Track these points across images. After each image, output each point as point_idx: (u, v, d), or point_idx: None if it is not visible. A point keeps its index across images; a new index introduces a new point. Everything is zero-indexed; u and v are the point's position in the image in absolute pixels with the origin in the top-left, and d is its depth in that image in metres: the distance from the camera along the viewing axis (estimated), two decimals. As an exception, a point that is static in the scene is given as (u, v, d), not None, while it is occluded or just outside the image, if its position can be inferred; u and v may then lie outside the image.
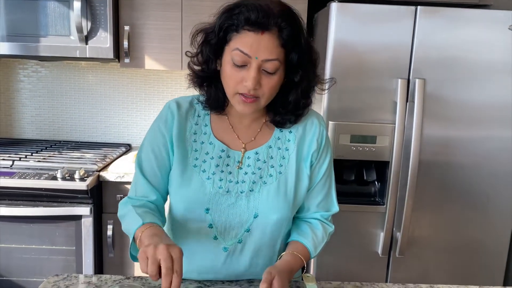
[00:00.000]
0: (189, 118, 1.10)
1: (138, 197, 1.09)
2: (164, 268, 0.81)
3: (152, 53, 2.31)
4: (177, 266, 0.83)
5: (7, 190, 1.98)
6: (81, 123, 2.72)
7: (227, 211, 1.06)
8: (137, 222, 0.98)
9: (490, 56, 1.90)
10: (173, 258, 0.83)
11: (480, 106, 1.93)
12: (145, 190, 1.09)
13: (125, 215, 1.06)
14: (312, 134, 1.11)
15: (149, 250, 0.83)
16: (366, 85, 1.91)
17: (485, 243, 2.04)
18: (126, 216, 1.06)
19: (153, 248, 0.83)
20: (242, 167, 1.07)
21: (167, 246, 0.84)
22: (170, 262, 0.82)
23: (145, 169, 1.09)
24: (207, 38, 1.00)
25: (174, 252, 0.84)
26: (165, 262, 0.81)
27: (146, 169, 1.09)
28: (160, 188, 1.10)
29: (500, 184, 2.00)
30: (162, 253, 0.82)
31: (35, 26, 2.17)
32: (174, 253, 0.84)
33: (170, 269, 0.81)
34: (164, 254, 0.82)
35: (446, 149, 1.96)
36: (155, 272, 0.82)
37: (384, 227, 1.98)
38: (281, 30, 0.93)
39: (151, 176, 1.09)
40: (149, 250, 0.83)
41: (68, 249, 2.09)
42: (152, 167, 1.09)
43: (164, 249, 0.83)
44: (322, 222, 1.15)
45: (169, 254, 0.83)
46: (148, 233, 0.94)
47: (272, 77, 0.97)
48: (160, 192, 1.10)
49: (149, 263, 0.82)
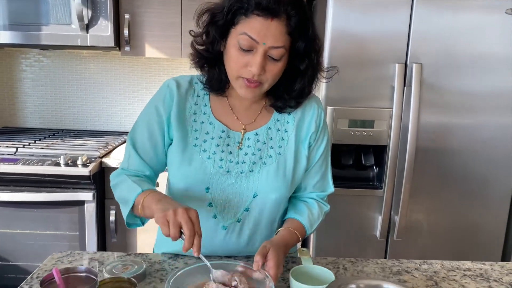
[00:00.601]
0: (188, 98, 1.12)
1: (131, 170, 1.12)
2: (188, 230, 0.86)
3: (153, 41, 2.33)
4: (197, 227, 0.88)
5: (11, 176, 2.02)
6: (84, 112, 2.74)
7: (227, 190, 1.09)
8: (135, 189, 1.02)
9: (487, 42, 1.92)
10: (192, 221, 0.87)
11: (476, 92, 1.95)
12: (138, 165, 1.11)
13: (119, 183, 1.09)
14: (310, 116, 1.14)
15: (169, 215, 0.88)
16: (364, 71, 1.93)
17: (482, 226, 2.07)
18: (120, 184, 1.08)
19: (173, 213, 0.88)
20: (242, 148, 1.10)
21: (186, 210, 0.88)
22: (191, 225, 0.87)
23: (138, 145, 1.11)
24: (213, 19, 1.00)
25: (192, 215, 0.88)
26: (187, 225, 0.86)
27: (139, 145, 1.11)
28: (152, 165, 1.12)
29: (497, 169, 2.02)
30: (182, 217, 0.87)
31: (36, 15, 2.19)
32: (193, 215, 0.88)
33: (192, 231, 0.86)
34: (184, 217, 0.87)
35: (444, 134, 1.99)
36: (177, 235, 0.87)
37: (382, 211, 2.01)
38: (289, 18, 0.95)
39: (144, 153, 1.11)
40: (169, 214, 0.88)
41: (72, 234, 2.13)
42: (145, 144, 1.11)
43: (183, 213, 0.87)
44: (318, 202, 1.18)
45: (188, 217, 0.87)
46: (153, 198, 0.97)
47: (277, 64, 0.99)
48: (152, 169, 1.13)
49: (171, 227, 0.87)
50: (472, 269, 1.15)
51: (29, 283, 0.99)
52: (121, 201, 1.07)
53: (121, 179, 1.09)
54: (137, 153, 1.11)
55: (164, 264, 1.11)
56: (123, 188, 1.07)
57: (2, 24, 2.19)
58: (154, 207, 0.94)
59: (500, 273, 1.14)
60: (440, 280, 1.09)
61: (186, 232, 0.86)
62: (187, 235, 0.86)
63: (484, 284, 1.07)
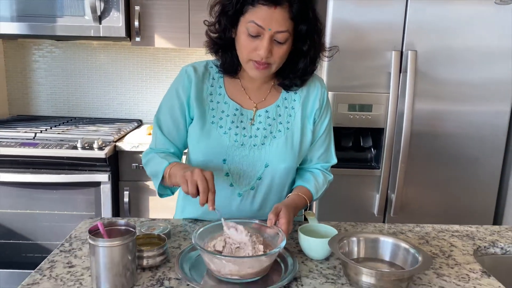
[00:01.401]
0: (205, 81, 1.25)
1: (158, 149, 1.26)
2: (201, 187, 1.00)
3: (161, 32, 2.45)
4: (210, 185, 1.01)
5: (31, 159, 2.15)
6: (94, 100, 2.87)
7: (241, 161, 1.22)
8: (163, 163, 1.16)
9: (478, 31, 2.05)
10: (207, 179, 1.01)
11: (468, 79, 2.08)
12: (164, 144, 1.26)
13: (149, 160, 1.23)
14: (315, 95, 1.27)
15: (187, 175, 1.02)
16: (362, 59, 2.06)
17: (473, 204, 2.21)
18: (150, 161, 1.23)
19: (190, 173, 1.02)
20: (254, 124, 1.23)
21: (201, 170, 1.02)
22: (205, 183, 1.00)
23: (164, 127, 1.25)
24: (224, 9, 1.13)
25: (207, 174, 1.02)
26: (202, 182, 1.00)
27: (163, 127, 1.25)
28: (176, 143, 1.26)
29: (486, 152, 2.16)
30: (198, 176, 1.01)
31: (51, 7, 2.31)
32: (207, 175, 1.02)
33: (206, 187, 1.00)
34: (200, 176, 1.01)
35: (437, 118, 2.12)
36: (194, 191, 1.01)
37: (380, 190, 2.15)
38: (291, 5, 1.07)
39: (168, 133, 1.25)
40: (187, 174, 1.02)
41: (88, 214, 2.26)
42: (168, 126, 1.25)
43: (199, 172, 1.01)
44: (322, 171, 1.31)
45: (203, 176, 1.01)
46: (178, 167, 1.11)
47: (282, 46, 1.12)
48: (177, 146, 1.27)
49: (188, 184, 1.01)
50: (460, 231, 1.29)
51: (68, 241, 1.13)
52: (152, 175, 1.21)
53: (150, 156, 1.23)
54: (163, 133, 1.25)
55: (186, 227, 1.24)
56: (153, 164, 1.20)
57: (18, 15, 2.30)
58: (178, 173, 1.08)
59: (484, 234, 1.28)
60: (430, 239, 1.23)
61: (200, 188, 1.00)
62: (201, 191, 1.00)
63: (469, 242, 1.21)
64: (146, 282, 0.94)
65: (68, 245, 1.10)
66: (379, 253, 1.04)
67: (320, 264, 1.05)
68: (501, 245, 1.22)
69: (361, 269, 0.91)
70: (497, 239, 1.24)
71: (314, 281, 0.97)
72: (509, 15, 2.03)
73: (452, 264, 1.08)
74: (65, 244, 1.11)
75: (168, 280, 0.95)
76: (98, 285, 0.90)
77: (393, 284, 0.90)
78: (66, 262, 1.02)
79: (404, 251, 1.00)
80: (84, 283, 0.93)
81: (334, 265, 1.05)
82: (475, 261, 1.10)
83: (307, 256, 1.08)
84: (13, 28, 2.31)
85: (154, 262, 1.00)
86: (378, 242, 1.05)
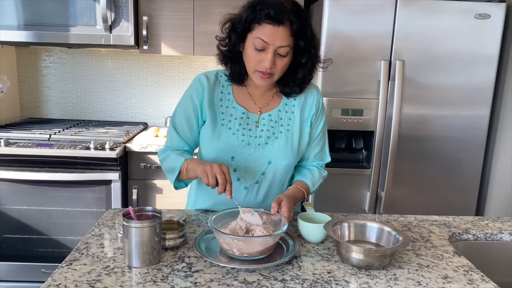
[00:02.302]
0: (216, 88, 1.42)
1: (173, 147, 1.43)
2: (221, 179, 1.18)
3: (168, 40, 2.62)
4: (228, 177, 1.19)
5: (47, 158, 2.30)
6: (102, 104, 3.03)
7: (248, 158, 1.39)
8: (180, 159, 1.33)
9: (460, 42, 2.25)
10: (224, 172, 1.19)
11: (451, 86, 2.29)
12: (178, 143, 1.43)
13: (166, 157, 1.40)
14: (311, 101, 1.44)
15: (207, 169, 1.20)
16: (354, 67, 2.25)
17: (456, 201, 2.41)
18: (167, 158, 1.40)
19: (210, 167, 1.20)
20: (259, 126, 1.41)
21: (219, 165, 1.20)
22: (224, 175, 1.18)
23: (179, 128, 1.43)
24: (234, 27, 1.31)
25: (224, 168, 1.20)
26: (220, 175, 1.18)
27: (179, 128, 1.43)
28: (189, 142, 1.44)
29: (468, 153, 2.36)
30: (216, 169, 1.19)
31: (65, 16, 2.48)
32: (224, 169, 1.20)
33: (224, 179, 1.18)
34: (218, 170, 1.18)
35: (423, 122, 2.32)
36: (214, 182, 1.18)
37: (370, 188, 2.34)
38: (292, 23, 1.25)
39: (183, 133, 1.42)
40: (207, 168, 1.20)
41: (99, 211, 2.42)
42: (183, 127, 1.42)
43: (217, 166, 1.19)
44: (318, 168, 1.49)
45: (221, 170, 1.19)
46: (195, 163, 1.29)
47: (284, 59, 1.30)
48: (189, 145, 1.44)
49: (209, 177, 1.19)
50: (438, 220, 1.47)
51: (98, 227, 1.30)
52: (168, 170, 1.38)
53: (167, 154, 1.40)
54: (177, 133, 1.42)
55: (198, 216, 1.41)
56: (169, 160, 1.38)
57: (34, 25, 2.47)
58: (197, 168, 1.25)
59: (459, 223, 1.46)
60: (412, 227, 1.41)
61: (219, 180, 1.18)
62: (220, 182, 1.18)
63: (446, 229, 1.39)
64: (170, 259, 1.11)
65: (98, 231, 1.27)
66: (366, 236, 1.22)
67: (316, 246, 1.23)
68: (473, 232, 1.40)
69: (351, 247, 1.08)
70: (470, 227, 1.43)
71: (311, 259, 1.14)
72: (487, 27, 2.23)
73: (429, 246, 1.26)
74: (95, 230, 1.27)
75: (188, 258, 1.12)
76: (130, 261, 1.07)
77: (378, 260, 1.08)
78: (99, 244, 1.18)
79: (387, 233, 1.18)
80: (117, 259, 1.10)
81: (329, 247, 1.22)
82: (449, 244, 1.28)
83: (305, 239, 1.26)
84: (29, 36, 2.47)
85: (174, 243, 1.17)
86: (366, 227, 1.23)
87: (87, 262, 1.08)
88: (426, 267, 1.12)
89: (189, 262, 1.10)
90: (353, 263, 1.10)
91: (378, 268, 1.09)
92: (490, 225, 1.45)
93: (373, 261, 1.08)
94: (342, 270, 1.09)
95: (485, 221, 1.49)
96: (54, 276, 1.01)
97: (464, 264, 1.15)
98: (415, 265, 1.13)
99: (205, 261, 1.10)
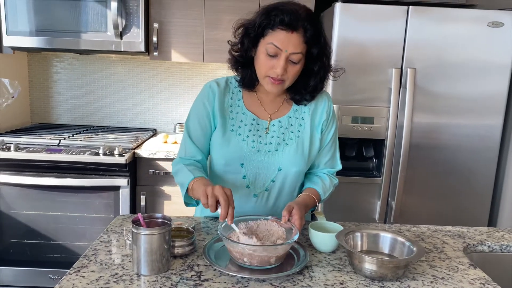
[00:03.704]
0: (226, 94, 1.41)
1: (188, 157, 1.41)
2: (223, 201, 1.12)
3: (178, 47, 2.63)
4: (231, 200, 1.14)
5: (56, 163, 2.31)
6: (112, 110, 3.04)
7: (257, 165, 1.37)
8: (189, 176, 1.30)
9: (472, 50, 2.22)
10: (227, 195, 1.14)
11: (463, 94, 2.26)
12: (193, 151, 1.41)
13: (178, 171, 1.38)
14: (322, 107, 1.43)
15: (208, 190, 1.15)
16: (365, 74, 2.23)
17: (468, 211, 2.37)
18: (179, 172, 1.38)
19: (212, 188, 1.15)
20: (269, 132, 1.39)
21: (221, 187, 1.15)
22: (226, 197, 1.13)
23: (192, 134, 1.41)
24: (247, 32, 1.30)
25: (227, 190, 1.15)
26: (223, 197, 1.13)
27: (193, 134, 1.41)
28: (204, 150, 1.42)
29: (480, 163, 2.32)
30: (219, 191, 1.14)
31: (76, 23, 2.49)
32: (227, 191, 1.15)
33: (227, 202, 1.13)
34: (220, 192, 1.14)
35: (434, 130, 2.29)
36: (214, 204, 1.14)
37: (381, 197, 2.30)
38: (306, 30, 1.24)
39: (197, 140, 1.41)
40: (209, 189, 1.15)
41: (107, 217, 2.41)
42: (197, 133, 1.40)
43: (220, 188, 1.15)
44: (329, 176, 1.47)
45: (224, 192, 1.14)
46: (200, 183, 1.26)
47: (296, 66, 1.28)
48: (204, 153, 1.42)
49: (209, 199, 1.14)
50: (452, 231, 1.44)
51: (106, 233, 1.28)
52: (180, 184, 1.36)
53: (179, 167, 1.37)
54: (192, 140, 1.40)
55: (207, 223, 1.40)
56: (181, 176, 1.35)
57: (46, 31, 2.48)
58: (199, 188, 1.22)
59: (474, 234, 1.43)
60: (425, 238, 1.37)
61: (222, 202, 1.12)
62: (223, 205, 1.12)
63: (460, 241, 1.36)
64: (179, 267, 1.10)
65: (106, 237, 1.26)
66: (379, 246, 1.19)
67: (328, 256, 1.21)
68: (488, 243, 1.36)
69: (365, 257, 1.06)
70: (485, 238, 1.39)
71: (323, 269, 1.12)
72: (500, 35, 2.20)
73: (444, 258, 1.23)
74: (104, 236, 1.26)
75: (197, 266, 1.11)
76: (139, 268, 1.05)
77: (392, 271, 1.05)
78: (107, 251, 1.17)
79: (401, 244, 1.15)
80: (126, 267, 1.09)
81: (340, 257, 1.20)
82: (464, 256, 1.25)
83: (316, 249, 1.24)
84: (40, 42, 2.49)
85: (183, 251, 1.16)
86: (379, 237, 1.20)
87: (95, 269, 1.07)
88: (441, 279, 1.09)
89: (198, 271, 1.08)
90: (366, 274, 1.07)
91: (391, 280, 1.06)
92: (505, 236, 1.42)
93: (387, 272, 1.05)
94: (355, 281, 1.06)
95: (501, 232, 1.46)
96: (62, 283, 0.99)
97: (481, 276, 1.12)
98: (429, 277, 1.11)
99: (215, 270, 1.09)
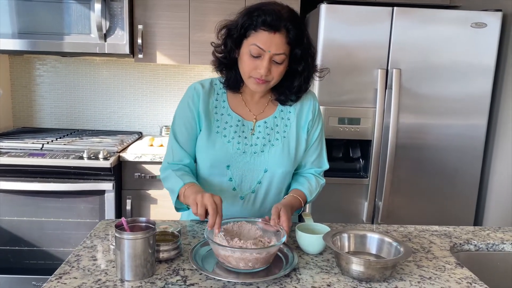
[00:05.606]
0: (210, 96, 1.39)
1: (175, 161, 1.39)
2: (211, 210, 1.11)
3: (163, 49, 2.60)
4: (219, 209, 1.13)
5: (39, 168, 2.26)
6: (96, 113, 3.00)
7: (243, 167, 1.36)
8: (179, 183, 1.28)
9: (456, 51, 2.24)
10: (216, 204, 1.13)
11: (447, 95, 2.27)
12: (180, 155, 1.39)
13: (167, 177, 1.36)
14: (308, 107, 1.42)
15: (198, 198, 1.14)
16: (351, 76, 2.23)
17: (454, 210, 2.38)
18: (168, 178, 1.36)
19: (201, 196, 1.14)
20: (255, 133, 1.38)
21: (211, 195, 1.14)
22: (215, 206, 1.12)
23: (179, 138, 1.39)
24: (230, 33, 1.29)
25: (216, 199, 1.14)
26: (211, 205, 1.12)
27: (179, 138, 1.39)
28: (191, 153, 1.40)
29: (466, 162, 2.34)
30: (208, 200, 1.13)
31: (59, 25, 2.45)
32: (217, 200, 1.14)
33: (215, 210, 1.11)
34: (209, 200, 1.12)
35: (420, 131, 2.30)
36: (203, 214, 1.13)
37: (368, 197, 2.31)
38: (288, 31, 1.23)
39: (184, 144, 1.39)
40: (198, 197, 1.14)
41: (92, 221, 2.37)
42: (184, 136, 1.38)
43: (209, 197, 1.13)
44: (315, 176, 1.46)
45: (213, 200, 1.13)
46: (192, 190, 1.24)
47: (279, 66, 1.27)
48: (191, 156, 1.40)
49: (198, 207, 1.13)
50: (439, 231, 1.45)
51: (89, 238, 1.25)
52: (169, 190, 1.34)
53: (168, 173, 1.36)
54: (179, 144, 1.38)
55: (193, 227, 1.38)
56: (170, 182, 1.33)
57: (27, 33, 2.44)
58: (190, 196, 1.21)
59: (460, 233, 1.43)
60: (413, 237, 1.37)
61: (210, 211, 1.11)
62: (211, 214, 1.11)
63: (447, 240, 1.36)
64: (164, 272, 1.08)
65: (90, 242, 1.23)
66: (367, 247, 1.18)
67: (315, 257, 1.20)
68: (475, 242, 1.37)
69: (352, 259, 1.05)
70: (471, 237, 1.40)
71: (311, 271, 1.11)
72: (484, 35, 2.22)
73: (431, 257, 1.23)
74: (87, 241, 1.23)
75: (183, 271, 1.08)
76: (123, 274, 1.03)
77: (379, 272, 1.05)
78: (90, 256, 1.14)
79: (388, 244, 1.15)
80: (109, 273, 1.06)
81: (328, 259, 1.19)
82: (451, 255, 1.25)
83: (304, 251, 1.22)
84: (23, 44, 2.44)
85: (169, 255, 1.13)
86: (366, 237, 1.19)
87: (77, 276, 1.04)
88: (429, 279, 1.09)
89: (184, 275, 1.06)
90: (353, 275, 1.06)
91: (379, 281, 1.06)
92: (491, 235, 1.42)
93: (374, 273, 1.04)
94: (342, 282, 1.06)
95: (486, 231, 1.46)
96: (43, 291, 0.96)
97: (467, 275, 1.12)
98: (417, 277, 1.10)
99: (201, 274, 1.07)
